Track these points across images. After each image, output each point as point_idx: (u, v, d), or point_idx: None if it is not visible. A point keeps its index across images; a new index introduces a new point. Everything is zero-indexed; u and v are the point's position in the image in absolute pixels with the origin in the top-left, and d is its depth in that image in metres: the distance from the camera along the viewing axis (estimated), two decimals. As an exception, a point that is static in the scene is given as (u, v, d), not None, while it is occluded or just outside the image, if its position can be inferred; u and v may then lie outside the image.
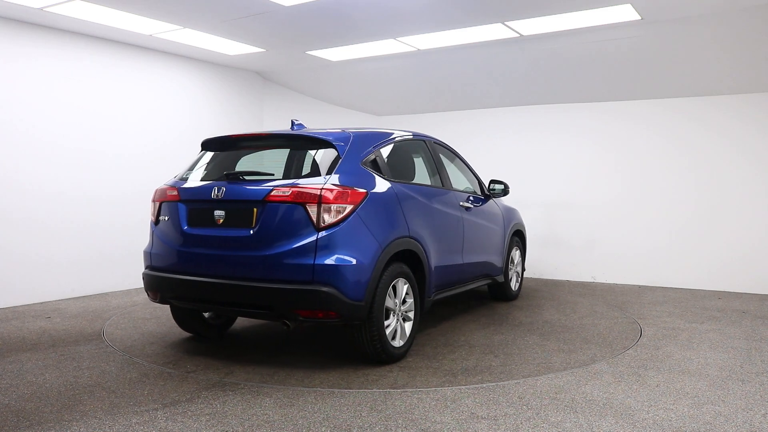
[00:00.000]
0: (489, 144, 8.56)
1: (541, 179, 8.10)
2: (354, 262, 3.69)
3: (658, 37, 6.02)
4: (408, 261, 4.25)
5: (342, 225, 3.69)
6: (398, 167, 4.60)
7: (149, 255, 4.34)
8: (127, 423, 3.03)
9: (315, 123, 8.75)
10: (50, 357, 4.20)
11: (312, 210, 3.66)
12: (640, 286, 7.37)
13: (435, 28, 6.06)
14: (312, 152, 4.08)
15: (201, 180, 4.23)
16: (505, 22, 5.82)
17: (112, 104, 6.78)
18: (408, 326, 4.22)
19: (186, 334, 4.87)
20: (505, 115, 8.52)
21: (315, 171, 3.92)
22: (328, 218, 3.67)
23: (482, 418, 3.11)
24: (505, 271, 6.09)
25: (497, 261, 5.87)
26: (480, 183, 5.78)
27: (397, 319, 4.11)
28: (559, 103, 8.05)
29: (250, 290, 3.75)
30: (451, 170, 5.57)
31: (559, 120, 8.08)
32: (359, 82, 8.47)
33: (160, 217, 4.27)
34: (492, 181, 5.87)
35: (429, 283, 4.43)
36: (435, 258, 4.53)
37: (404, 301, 4.19)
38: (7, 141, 5.93)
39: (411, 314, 4.24)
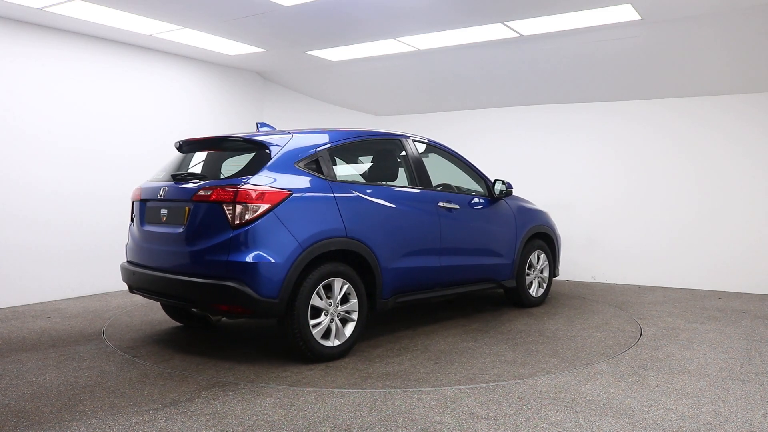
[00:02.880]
0: (489, 144, 8.56)
1: (541, 179, 8.09)
2: (267, 260, 3.80)
3: (658, 37, 6.03)
4: (353, 261, 4.31)
5: (256, 224, 3.81)
6: (355, 167, 4.75)
7: (126, 249, 4.80)
8: (127, 423, 3.03)
9: (315, 123, 8.76)
10: (50, 357, 4.20)
11: (228, 209, 3.84)
12: (640, 286, 7.37)
13: (435, 28, 6.06)
14: (249, 154, 4.21)
15: (159, 180, 4.53)
16: (505, 22, 5.82)
17: (112, 104, 6.79)
18: (350, 327, 4.24)
19: (186, 335, 4.88)
20: (505, 115, 8.51)
21: (243, 171, 4.05)
22: (243, 217, 3.81)
23: (482, 418, 3.11)
24: (519, 276, 5.82)
25: (504, 264, 5.63)
26: (486, 184, 5.61)
27: (332, 319, 4.13)
28: (559, 103, 8.05)
29: (179, 283, 4.03)
30: (443, 170, 5.52)
31: (559, 120, 8.08)
32: (359, 82, 8.47)
33: (133, 215, 4.69)
34: (494, 181, 5.72)
35: (382, 285, 4.42)
36: (392, 260, 4.50)
37: (348, 302, 4.23)
38: (8, 141, 5.93)
39: (354, 315, 4.26)
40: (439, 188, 5.46)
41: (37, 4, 5.43)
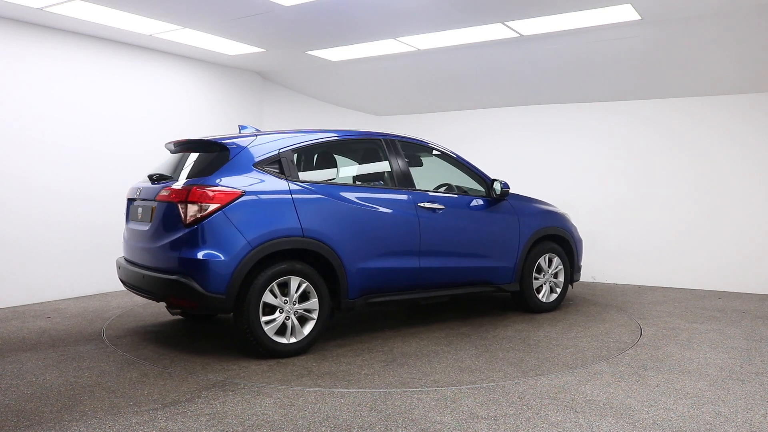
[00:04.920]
0: (489, 144, 8.56)
1: (541, 179, 8.09)
2: (214, 257, 3.98)
3: (658, 37, 6.03)
4: (315, 261, 4.37)
5: (205, 222, 4.00)
6: (325, 167, 4.90)
7: (122, 245, 5.02)
8: (127, 423, 3.03)
9: (315, 123, 8.76)
10: (50, 357, 4.20)
11: (182, 208, 4.07)
12: (640, 286, 7.37)
13: (435, 28, 6.05)
14: (211, 155, 4.36)
15: (142, 181, 4.80)
16: (505, 22, 5.82)
17: (112, 104, 6.78)
18: (309, 325, 4.31)
19: (186, 335, 4.88)
20: (505, 115, 8.52)
21: (201, 172, 4.24)
22: (193, 215, 4.02)
23: (482, 418, 3.11)
24: (524, 280, 5.60)
25: (503, 267, 5.44)
26: (486, 184, 5.44)
27: (287, 317, 4.21)
28: (559, 103, 8.05)
29: (145, 277, 4.33)
30: (443, 171, 5.47)
31: (559, 120, 8.08)
32: (359, 82, 8.47)
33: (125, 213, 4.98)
34: (491, 181, 5.53)
35: (347, 284, 4.45)
36: (359, 260, 4.51)
37: (308, 300, 4.31)
38: (8, 141, 5.93)
39: (315, 314, 4.31)
40: (442, 189, 5.45)
41: (37, 4, 5.43)
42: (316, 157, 4.95)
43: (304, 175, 4.58)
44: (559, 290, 5.91)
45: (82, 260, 6.53)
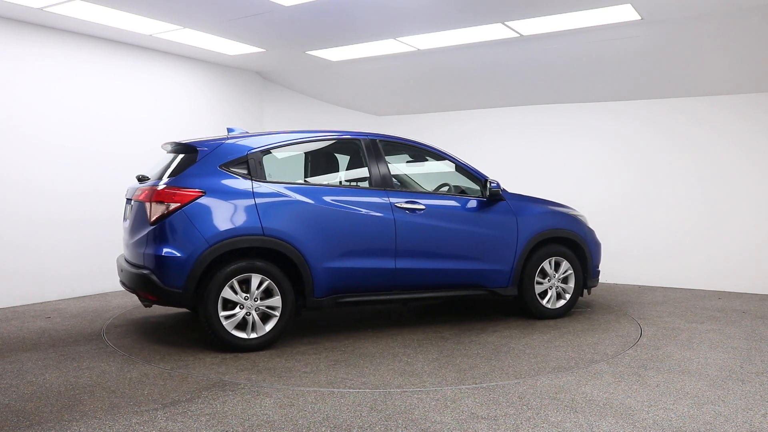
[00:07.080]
0: (489, 144, 8.55)
1: (541, 179, 8.08)
2: (172, 253, 4.21)
3: (658, 37, 6.03)
4: (280, 259, 4.46)
5: (166, 220, 4.24)
6: (296, 168, 5.09)
7: None
8: (127, 423, 3.03)
9: (315, 123, 8.76)
10: (50, 357, 4.20)
11: (147, 207, 4.34)
12: (640, 286, 7.37)
13: (435, 28, 6.06)
14: (184, 157, 4.58)
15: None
16: (505, 22, 5.82)
17: (112, 104, 6.79)
18: (272, 322, 4.41)
19: (185, 334, 4.88)
20: (505, 115, 8.51)
21: (173, 173, 4.46)
22: (156, 214, 4.27)
23: (482, 418, 3.11)
24: (522, 284, 5.32)
25: (496, 270, 5.18)
26: (482, 183, 5.25)
27: (248, 313, 4.34)
28: (559, 103, 8.04)
29: (123, 271, 4.67)
30: (425, 170, 5.50)
31: (559, 120, 8.07)
32: (359, 82, 8.47)
33: None
34: (484, 181, 5.32)
35: (312, 283, 4.50)
36: (326, 259, 4.53)
37: (272, 297, 4.41)
38: (8, 141, 5.93)
39: (277, 311, 4.41)
40: (444, 189, 5.43)
41: (37, 4, 5.43)
42: (289, 158, 5.03)
43: (274, 176, 4.66)
44: (568, 296, 5.55)
45: (82, 260, 6.53)
